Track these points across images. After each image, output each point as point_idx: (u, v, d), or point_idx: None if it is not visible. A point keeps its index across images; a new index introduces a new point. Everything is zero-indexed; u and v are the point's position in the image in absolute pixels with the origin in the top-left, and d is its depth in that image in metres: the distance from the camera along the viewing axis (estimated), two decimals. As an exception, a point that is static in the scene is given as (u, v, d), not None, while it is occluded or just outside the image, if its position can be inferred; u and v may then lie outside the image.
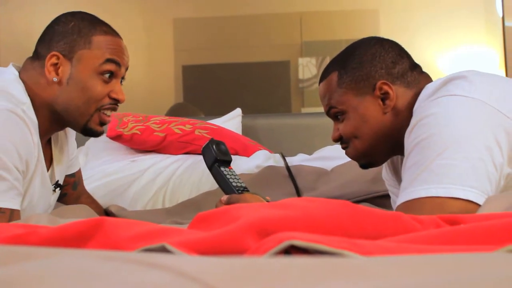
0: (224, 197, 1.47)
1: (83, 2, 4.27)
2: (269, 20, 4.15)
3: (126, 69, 1.60)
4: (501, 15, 3.69)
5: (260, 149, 2.33)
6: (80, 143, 2.48)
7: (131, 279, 0.49)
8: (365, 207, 0.85)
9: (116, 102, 1.56)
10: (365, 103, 1.44)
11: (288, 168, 1.81)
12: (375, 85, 1.43)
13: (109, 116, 1.58)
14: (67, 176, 1.79)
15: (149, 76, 4.17)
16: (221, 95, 4.05)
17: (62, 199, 1.82)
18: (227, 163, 1.56)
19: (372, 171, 1.87)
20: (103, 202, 1.94)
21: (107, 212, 1.85)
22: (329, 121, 2.69)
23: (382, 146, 1.46)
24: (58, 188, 1.68)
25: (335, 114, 1.50)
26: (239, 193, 1.48)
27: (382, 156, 1.51)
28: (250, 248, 0.71)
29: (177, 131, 2.30)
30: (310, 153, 2.30)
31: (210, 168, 1.54)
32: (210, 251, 0.71)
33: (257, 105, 3.94)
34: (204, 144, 1.58)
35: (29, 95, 1.50)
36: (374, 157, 1.49)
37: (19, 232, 0.82)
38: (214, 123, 2.47)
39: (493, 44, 3.73)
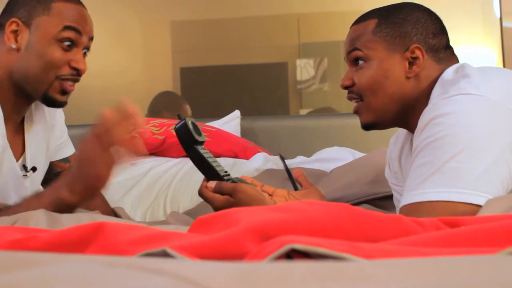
0: (211, 184, 1.39)
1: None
2: (267, 21, 4.15)
3: (91, 39, 1.54)
4: (498, 16, 3.70)
5: (259, 152, 2.33)
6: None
7: (133, 285, 0.49)
8: (365, 209, 0.85)
9: (77, 72, 1.50)
10: (392, 60, 1.40)
11: (287, 170, 1.80)
12: (409, 47, 1.40)
13: (71, 86, 1.51)
14: (60, 161, 1.73)
15: (147, 78, 4.17)
16: (219, 97, 4.06)
17: None
18: (202, 143, 1.43)
19: (371, 172, 1.87)
20: (103, 207, 1.92)
21: (114, 211, 1.80)
22: (328, 123, 2.69)
23: (393, 110, 1.42)
24: (31, 171, 1.59)
25: (356, 58, 1.44)
26: (226, 181, 1.40)
27: (389, 120, 1.45)
28: (250, 252, 0.71)
29: (176, 133, 2.30)
30: (309, 155, 2.30)
31: (188, 150, 1.40)
32: (211, 255, 0.71)
33: (255, 106, 3.95)
34: (178, 123, 1.40)
35: None
36: (381, 118, 1.44)
37: (19, 237, 0.82)
38: (213, 126, 2.47)
39: (491, 45, 3.74)
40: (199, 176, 2.09)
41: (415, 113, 1.35)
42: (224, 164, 2.19)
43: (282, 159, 1.87)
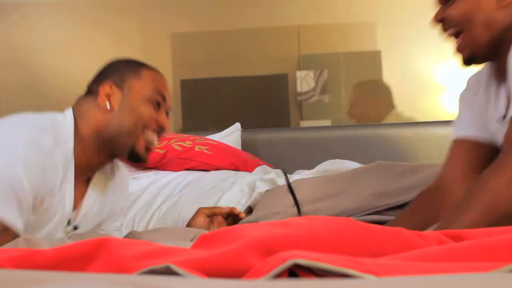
0: None
1: (82, 19, 4.29)
2: (267, 33, 4.16)
3: (170, 107, 1.72)
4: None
5: (260, 164, 2.33)
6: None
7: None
8: (366, 223, 0.85)
9: (161, 128, 1.67)
10: None
11: (289, 185, 1.82)
12: None
13: (154, 143, 1.67)
14: None
15: (148, 90, 4.17)
16: (220, 109, 4.06)
17: None
18: None
19: (370, 186, 1.87)
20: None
21: None
22: (329, 135, 2.69)
23: (486, 38, 1.46)
24: (73, 228, 1.65)
25: None
26: None
27: (484, 51, 1.49)
28: (254, 267, 0.71)
29: (177, 147, 2.30)
30: (310, 167, 2.29)
31: None
32: (214, 270, 0.71)
33: (255, 118, 3.95)
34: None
35: (76, 129, 1.60)
36: (477, 49, 1.48)
37: (23, 253, 0.82)
38: (214, 139, 2.47)
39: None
40: (200, 189, 2.11)
41: (506, 45, 1.41)
42: (226, 175, 2.20)
43: (285, 174, 1.88)
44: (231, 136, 2.60)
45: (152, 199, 2.11)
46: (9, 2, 4.24)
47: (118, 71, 1.67)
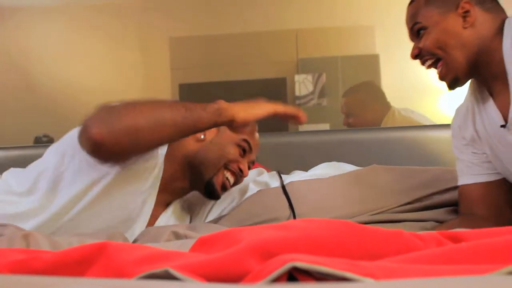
0: None
1: (80, 23, 4.29)
2: (265, 37, 4.17)
3: (253, 162, 1.89)
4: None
5: (258, 168, 2.33)
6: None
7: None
8: (366, 225, 0.85)
9: (240, 173, 1.83)
10: (447, 19, 1.57)
11: (283, 186, 1.82)
12: (458, 4, 1.56)
13: (230, 183, 1.83)
14: None
15: (146, 95, 4.17)
16: (218, 113, 4.06)
17: None
18: None
19: (367, 191, 1.87)
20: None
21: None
22: (327, 138, 2.69)
23: (462, 59, 1.55)
24: None
25: (418, 29, 1.61)
26: None
27: (465, 70, 1.57)
28: (253, 271, 0.71)
29: (175, 151, 2.30)
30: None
31: None
32: (213, 274, 0.71)
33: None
34: None
35: (169, 146, 1.76)
36: (459, 71, 1.56)
37: (21, 257, 0.82)
38: (212, 142, 2.46)
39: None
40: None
41: (483, 60, 1.54)
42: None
43: (279, 175, 1.89)
44: (229, 140, 2.60)
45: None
46: (7, 6, 4.24)
47: None
